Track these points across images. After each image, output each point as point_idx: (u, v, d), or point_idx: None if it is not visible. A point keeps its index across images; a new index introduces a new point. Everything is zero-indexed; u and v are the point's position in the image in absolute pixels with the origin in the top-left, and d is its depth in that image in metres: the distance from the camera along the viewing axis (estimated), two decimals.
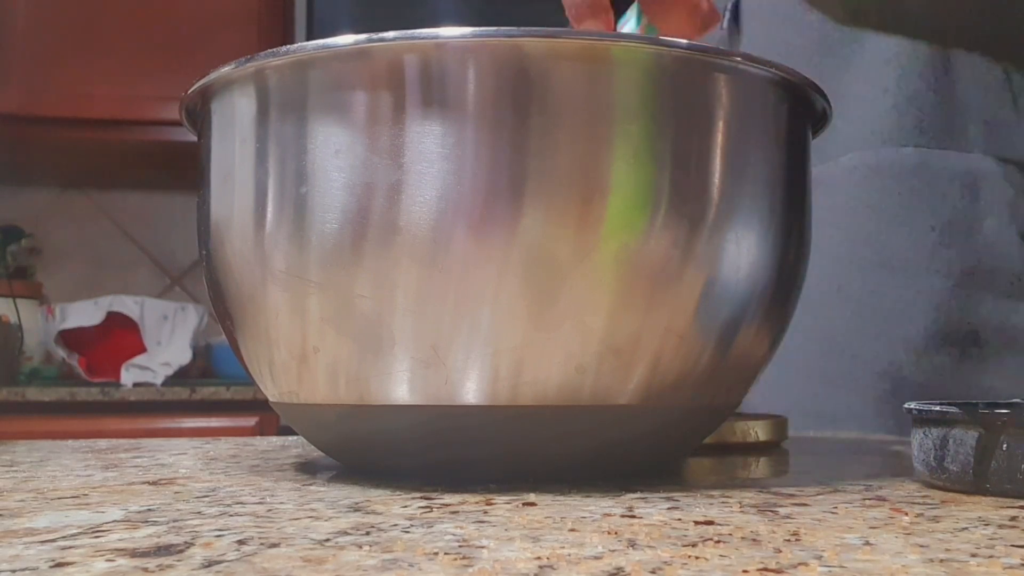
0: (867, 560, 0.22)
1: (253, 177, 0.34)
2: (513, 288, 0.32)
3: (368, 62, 0.32)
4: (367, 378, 0.34)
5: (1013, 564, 0.22)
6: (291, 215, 0.33)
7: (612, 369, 0.34)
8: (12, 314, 2.00)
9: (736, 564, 0.22)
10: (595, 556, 0.23)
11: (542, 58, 0.32)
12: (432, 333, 0.32)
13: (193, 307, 2.01)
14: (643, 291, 0.33)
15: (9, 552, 0.23)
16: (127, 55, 2.03)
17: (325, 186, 0.33)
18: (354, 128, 0.32)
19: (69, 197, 2.34)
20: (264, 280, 0.34)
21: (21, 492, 0.34)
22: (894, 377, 0.63)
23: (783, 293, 0.39)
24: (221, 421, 1.76)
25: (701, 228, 0.34)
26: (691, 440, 0.41)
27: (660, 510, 0.30)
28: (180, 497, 0.32)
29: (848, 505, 0.31)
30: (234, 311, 0.37)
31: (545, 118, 0.32)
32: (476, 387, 0.33)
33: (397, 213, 0.32)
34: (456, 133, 0.31)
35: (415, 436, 0.35)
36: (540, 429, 0.34)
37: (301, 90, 0.33)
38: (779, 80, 0.37)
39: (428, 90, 0.32)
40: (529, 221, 0.32)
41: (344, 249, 0.32)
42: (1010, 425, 0.32)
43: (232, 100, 0.35)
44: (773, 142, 0.37)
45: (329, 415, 0.36)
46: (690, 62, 0.34)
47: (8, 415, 1.72)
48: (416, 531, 0.26)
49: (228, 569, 0.21)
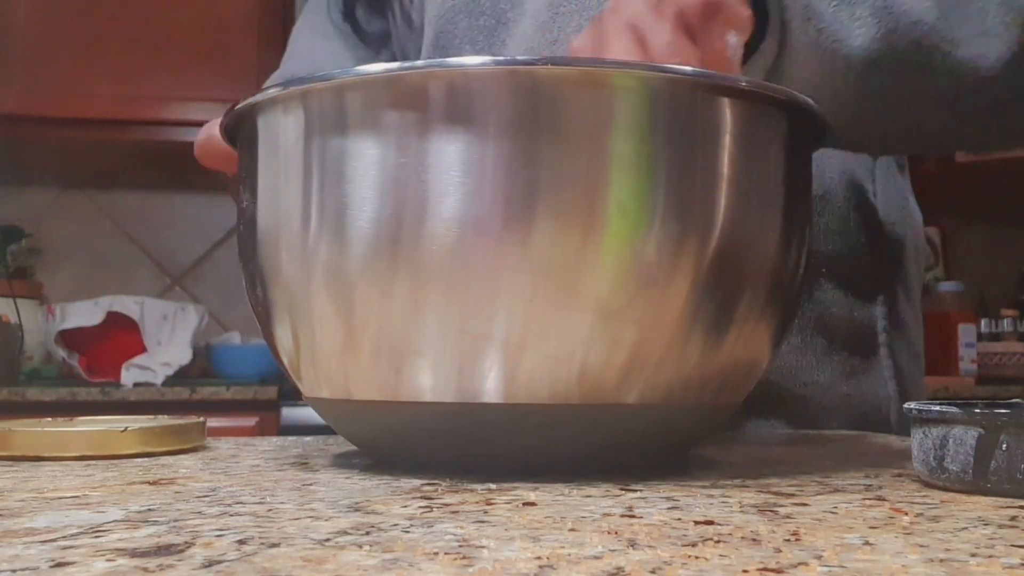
0: (867, 560, 0.22)
1: (301, 186, 0.38)
2: (527, 291, 0.35)
3: (399, 87, 0.36)
4: (397, 375, 0.37)
5: (1013, 564, 0.22)
6: (332, 222, 0.37)
7: (620, 369, 0.36)
8: (12, 314, 2.00)
9: (736, 564, 0.22)
10: (595, 556, 0.23)
11: (552, 84, 0.35)
12: (455, 334, 0.35)
13: (193, 307, 2.01)
14: (646, 295, 0.36)
15: (9, 552, 0.23)
16: (127, 55, 2.03)
17: (360, 197, 0.36)
18: (386, 145, 0.36)
19: (69, 197, 2.34)
20: (307, 281, 0.38)
21: (21, 492, 0.34)
22: None
23: (783, 297, 0.41)
24: (221, 421, 1.76)
25: (700, 238, 0.36)
26: (697, 436, 0.44)
27: (660, 510, 0.30)
28: (180, 497, 0.33)
29: (848, 505, 0.31)
30: (277, 310, 0.40)
31: (555, 137, 0.35)
32: (495, 385, 0.36)
33: (424, 222, 0.35)
34: (476, 150, 0.35)
35: (441, 432, 0.38)
36: (557, 426, 0.37)
37: (341, 111, 0.37)
38: (771, 99, 0.39)
39: (452, 112, 0.35)
40: (541, 229, 0.34)
41: (377, 255, 0.36)
42: (1010, 425, 0.32)
43: (279, 118, 0.39)
44: (768, 155, 0.39)
45: (360, 410, 0.39)
46: (684, 85, 0.37)
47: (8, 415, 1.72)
48: (416, 531, 0.26)
49: (228, 569, 0.21)
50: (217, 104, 1.99)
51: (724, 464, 0.43)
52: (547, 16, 0.65)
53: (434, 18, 0.69)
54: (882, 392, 0.68)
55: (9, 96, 1.96)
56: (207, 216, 2.37)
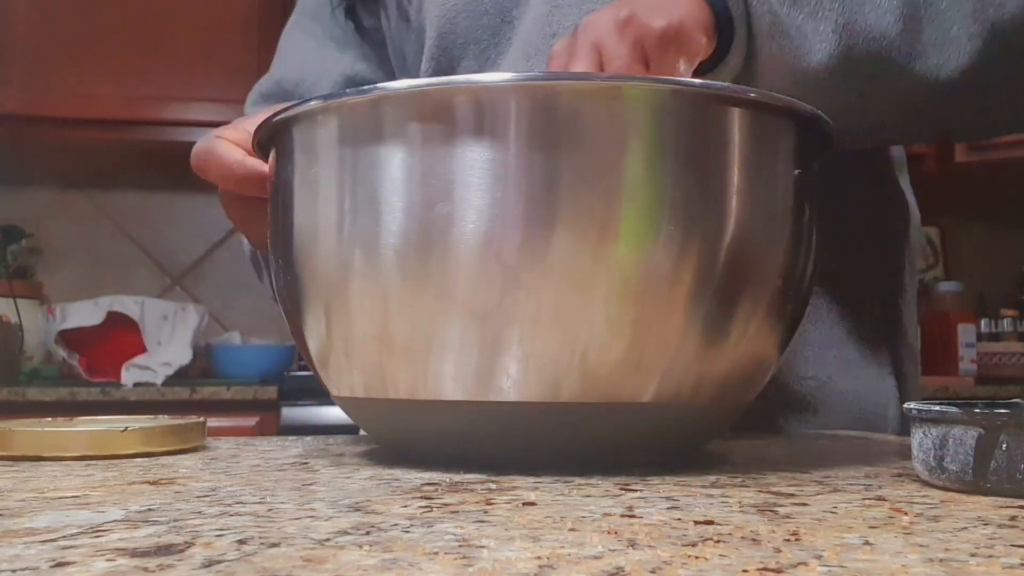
0: (867, 560, 0.22)
1: (335, 192, 0.40)
2: (548, 293, 0.37)
3: (427, 101, 0.38)
4: (423, 375, 0.39)
5: (1012, 564, 0.22)
6: (365, 225, 0.39)
7: (635, 369, 0.38)
8: (12, 314, 2.00)
9: (736, 564, 0.22)
10: (595, 556, 0.23)
11: (569, 97, 0.37)
12: (479, 335, 0.37)
13: (193, 307, 2.01)
14: (660, 298, 0.37)
15: (9, 552, 0.23)
16: (127, 55, 2.03)
17: (391, 202, 0.38)
18: (414, 155, 0.38)
19: (69, 197, 2.34)
20: (343, 282, 0.40)
21: (22, 492, 0.34)
22: None
23: (792, 298, 0.42)
24: (221, 421, 1.76)
25: (711, 243, 0.38)
26: (711, 432, 0.46)
27: (660, 510, 0.30)
28: (180, 497, 0.33)
29: (848, 505, 0.31)
30: (310, 311, 0.42)
31: (573, 147, 0.37)
32: (516, 384, 0.38)
33: (450, 227, 0.37)
34: (499, 159, 0.37)
35: (467, 430, 0.40)
36: (580, 424, 0.39)
37: (374, 123, 0.39)
38: (778, 109, 0.41)
39: (476, 124, 0.37)
40: (560, 234, 0.36)
41: (406, 258, 0.38)
42: (1009, 425, 0.32)
43: (316, 129, 0.41)
44: (776, 162, 0.41)
45: (381, 409, 0.41)
46: (694, 97, 0.39)
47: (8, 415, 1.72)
48: (416, 531, 0.26)
49: (228, 569, 0.21)
50: (217, 104, 1.99)
51: (724, 464, 0.43)
52: (546, 10, 0.65)
53: (435, 18, 0.69)
54: (881, 388, 0.68)
55: (9, 96, 1.96)
56: (207, 216, 2.37)
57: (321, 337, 0.42)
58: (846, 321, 0.67)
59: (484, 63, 0.68)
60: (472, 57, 0.68)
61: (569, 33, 0.64)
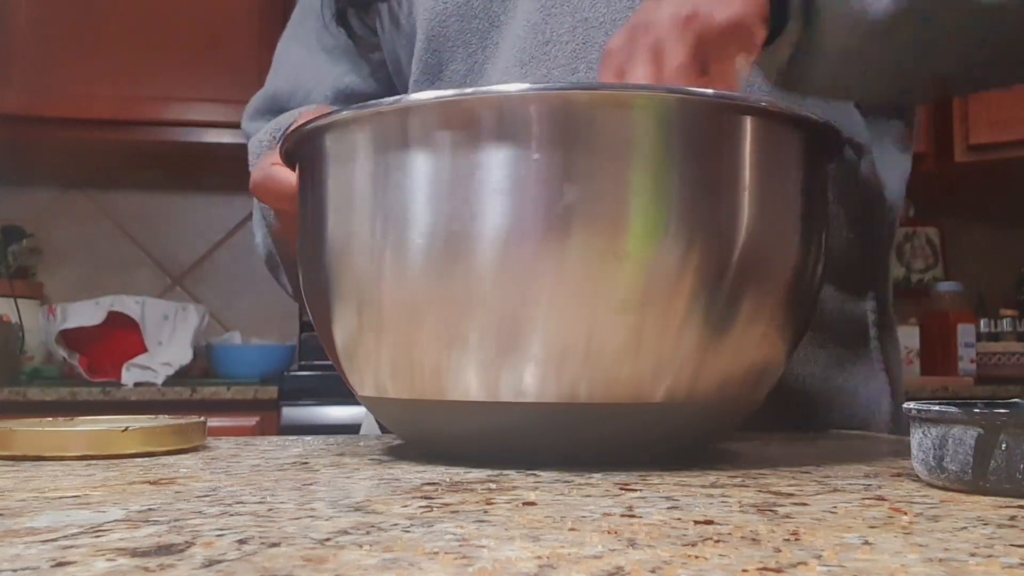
0: (866, 560, 0.23)
1: (370, 196, 0.41)
2: (565, 294, 0.38)
3: (452, 110, 0.40)
4: (448, 376, 0.40)
5: (1012, 564, 0.22)
6: (396, 230, 0.40)
7: (648, 369, 0.39)
8: (13, 314, 2.00)
9: (736, 564, 0.22)
10: (595, 556, 0.23)
11: (585, 106, 0.39)
12: (500, 336, 0.39)
13: (194, 307, 2.01)
14: (672, 300, 0.39)
15: (10, 552, 0.23)
16: (127, 55, 2.03)
17: (419, 206, 0.40)
18: (441, 160, 0.40)
19: (70, 197, 2.34)
20: (376, 283, 0.41)
21: (22, 492, 0.34)
22: None
23: (801, 301, 0.44)
24: (221, 421, 1.76)
25: (722, 246, 0.39)
26: (721, 430, 0.48)
27: (660, 510, 0.30)
28: (181, 497, 0.33)
29: (847, 505, 0.31)
30: (341, 312, 0.43)
31: (589, 153, 0.38)
32: (531, 385, 0.39)
33: (473, 230, 0.39)
34: (521, 165, 0.39)
35: (484, 429, 0.41)
36: (595, 423, 0.40)
37: (403, 131, 0.41)
38: (788, 118, 0.42)
39: (499, 132, 0.39)
40: (576, 237, 0.38)
41: (433, 259, 0.39)
42: (1009, 424, 0.32)
43: (350, 137, 0.43)
44: (786, 169, 0.43)
45: (405, 408, 0.43)
46: (703, 106, 0.40)
47: (9, 415, 1.72)
48: (416, 531, 0.26)
49: (229, 568, 0.21)
50: (217, 104, 2.00)
51: (723, 464, 0.43)
52: (539, 17, 0.65)
53: (425, 22, 0.69)
54: (874, 385, 0.68)
55: (9, 96, 1.97)
56: (207, 216, 2.37)
57: (349, 338, 0.43)
58: (839, 317, 0.67)
59: (472, 67, 0.68)
60: (460, 60, 0.68)
61: (571, 33, 0.64)
